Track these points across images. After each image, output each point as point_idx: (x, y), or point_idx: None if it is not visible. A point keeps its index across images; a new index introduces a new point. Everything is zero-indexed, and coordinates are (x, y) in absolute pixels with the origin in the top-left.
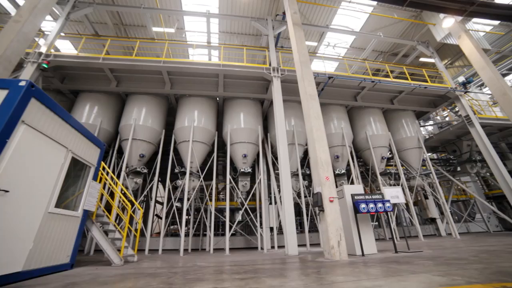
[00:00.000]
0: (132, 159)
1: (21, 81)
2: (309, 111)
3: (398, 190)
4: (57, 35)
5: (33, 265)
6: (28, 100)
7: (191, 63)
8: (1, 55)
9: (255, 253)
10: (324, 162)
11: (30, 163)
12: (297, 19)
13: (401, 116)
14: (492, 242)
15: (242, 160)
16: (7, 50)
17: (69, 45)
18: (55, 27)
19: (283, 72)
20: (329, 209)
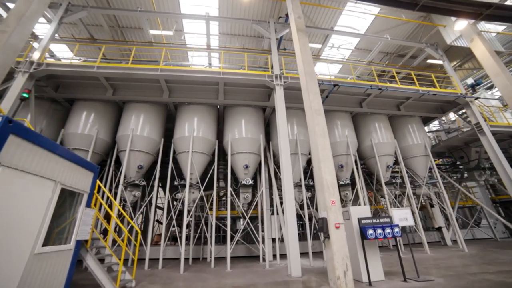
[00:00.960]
0: (130, 170)
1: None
2: (314, 127)
3: (407, 212)
4: (49, 41)
5: None
6: (5, 139)
7: (189, 71)
8: None
9: (256, 266)
10: (330, 185)
11: (10, 204)
12: (301, 25)
13: (408, 122)
14: (504, 259)
15: (243, 171)
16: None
17: (65, 48)
18: (48, 32)
19: (286, 80)
20: (335, 236)
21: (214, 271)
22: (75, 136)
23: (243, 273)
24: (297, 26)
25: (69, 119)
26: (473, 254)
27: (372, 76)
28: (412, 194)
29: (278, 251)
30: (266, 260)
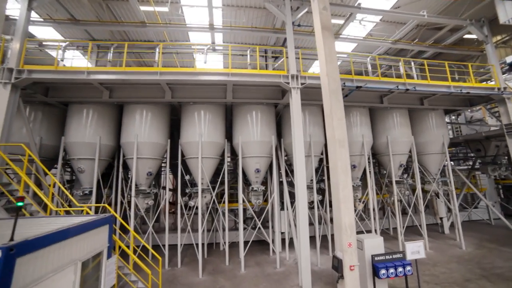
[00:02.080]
0: (139, 178)
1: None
2: (336, 162)
3: (420, 245)
4: (24, 41)
5: None
6: (12, 270)
7: (193, 74)
8: None
9: (267, 263)
10: (348, 227)
11: None
12: (327, 21)
13: (429, 116)
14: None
15: (255, 175)
16: None
17: (52, 32)
18: (18, 28)
19: (303, 81)
20: (349, 278)
21: (229, 272)
22: (77, 145)
23: (256, 277)
24: (322, 22)
25: (67, 125)
26: (471, 255)
27: (397, 56)
28: (421, 194)
29: (287, 247)
30: (277, 256)
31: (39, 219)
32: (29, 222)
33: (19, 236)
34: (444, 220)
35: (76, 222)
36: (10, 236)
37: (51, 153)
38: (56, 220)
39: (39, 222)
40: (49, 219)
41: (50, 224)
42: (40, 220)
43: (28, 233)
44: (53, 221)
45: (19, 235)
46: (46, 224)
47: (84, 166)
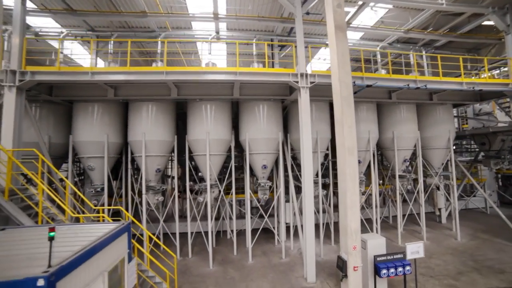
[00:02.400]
0: (149, 174)
1: None
2: (345, 169)
3: (420, 245)
4: (23, 40)
5: None
6: None
7: (200, 73)
8: None
9: (273, 253)
10: (353, 231)
11: None
12: (341, 20)
13: (437, 110)
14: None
15: (261, 171)
16: None
17: (49, 22)
18: (15, 24)
19: (313, 79)
20: (353, 277)
21: (238, 262)
22: (86, 144)
23: (264, 267)
24: (335, 22)
25: (74, 124)
26: (465, 246)
27: (408, 44)
28: (423, 188)
29: (292, 237)
30: (282, 247)
31: (62, 228)
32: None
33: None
34: (442, 211)
35: (100, 234)
36: (48, 263)
37: (60, 151)
38: (79, 230)
39: (63, 232)
40: (71, 228)
41: (76, 237)
42: (63, 230)
43: (59, 251)
44: (76, 230)
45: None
46: (72, 236)
47: (94, 164)
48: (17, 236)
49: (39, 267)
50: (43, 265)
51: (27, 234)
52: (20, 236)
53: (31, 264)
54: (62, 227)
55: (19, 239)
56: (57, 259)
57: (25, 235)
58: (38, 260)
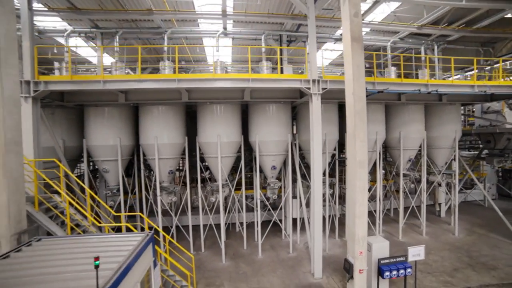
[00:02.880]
0: (162, 176)
1: None
2: (355, 182)
3: (421, 249)
4: (34, 49)
5: None
6: None
7: (212, 80)
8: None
9: (280, 247)
10: (360, 238)
11: None
12: (358, 30)
13: (444, 111)
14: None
15: (271, 171)
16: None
17: (58, 21)
18: (24, 33)
19: (324, 85)
20: (358, 279)
21: (248, 257)
22: (99, 148)
23: (273, 262)
24: (352, 32)
25: (86, 128)
26: (462, 241)
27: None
28: (425, 187)
29: (299, 231)
30: (290, 241)
31: (91, 240)
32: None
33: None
34: (442, 205)
35: (130, 247)
36: (96, 285)
37: (74, 154)
38: (108, 242)
39: (94, 245)
40: (100, 240)
41: (109, 251)
42: (93, 241)
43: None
44: (106, 243)
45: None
46: (105, 251)
47: (108, 167)
48: (55, 248)
49: (89, 287)
50: (91, 285)
51: (63, 246)
52: (58, 248)
53: (80, 284)
54: (91, 238)
55: (59, 252)
56: (101, 279)
57: (62, 247)
58: (85, 280)
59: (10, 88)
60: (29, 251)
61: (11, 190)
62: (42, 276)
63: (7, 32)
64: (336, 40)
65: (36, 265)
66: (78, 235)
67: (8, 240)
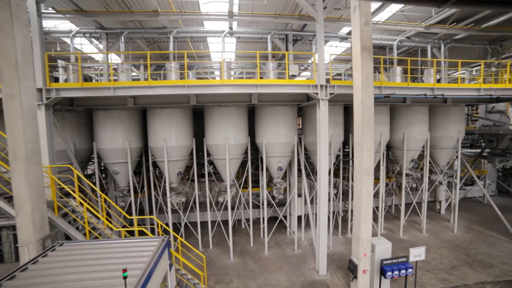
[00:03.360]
0: (171, 177)
1: None
2: (361, 188)
3: (422, 250)
4: (44, 56)
5: None
6: None
7: (221, 86)
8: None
9: (286, 244)
10: (365, 241)
11: None
12: (368, 39)
13: (449, 112)
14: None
15: (277, 172)
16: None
17: (66, 24)
18: (34, 39)
19: (332, 90)
20: (362, 278)
21: (255, 254)
22: (110, 151)
23: (279, 259)
24: (362, 41)
25: (96, 132)
26: (460, 239)
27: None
28: (427, 186)
29: (303, 228)
30: (295, 239)
31: (110, 246)
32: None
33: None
34: (442, 203)
35: (149, 253)
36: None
37: (84, 156)
38: (127, 247)
39: (114, 250)
40: (119, 245)
41: (129, 257)
42: (112, 247)
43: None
44: (125, 248)
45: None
46: (125, 257)
47: (118, 169)
48: (78, 254)
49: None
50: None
51: (85, 252)
52: (81, 254)
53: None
54: (110, 243)
55: (83, 258)
56: (128, 286)
57: (84, 252)
58: (116, 287)
59: (28, 101)
60: (54, 256)
61: (34, 198)
62: (72, 283)
63: (23, 46)
64: (342, 39)
65: (64, 271)
66: (98, 240)
67: (34, 246)
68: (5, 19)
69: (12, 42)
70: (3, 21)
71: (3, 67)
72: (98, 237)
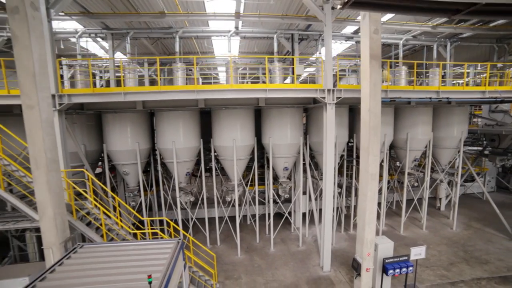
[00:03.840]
0: (179, 177)
1: None
2: (366, 192)
3: (423, 249)
4: (56, 62)
5: None
6: None
7: (231, 91)
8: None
9: (290, 241)
10: (369, 242)
11: None
12: (377, 47)
13: (453, 112)
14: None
15: (282, 172)
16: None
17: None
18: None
19: (339, 94)
20: (365, 276)
21: (261, 250)
22: (119, 153)
23: (284, 256)
24: (371, 49)
25: (106, 134)
26: (459, 236)
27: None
28: (428, 185)
29: (308, 225)
30: (300, 235)
31: (128, 248)
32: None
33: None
34: (442, 200)
35: (166, 255)
36: None
37: (94, 157)
38: (144, 250)
39: (132, 252)
40: (137, 248)
41: (147, 260)
42: (130, 249)
43: (144, 278)
44: (142, 251)
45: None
46: (143, 259)
47: (128, 170)
48: (99, 256)
49: None
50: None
51: (106, 254)
52: (102, 256)
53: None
54: (127, 245)
55: (105, 261)
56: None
57: (104, 254)
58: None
59: (46, 111)
60: (78, 258)
61: (55, 204)
62: (98, 285)
63: (39, 57)
64: (348, 38)
65: (89, 273)
66: (116, 242)
67: (58, 248)
68: (22, 32)
69: (30, 54)
70: (21, 34)
71: (22, 79)
72: (115, 239)
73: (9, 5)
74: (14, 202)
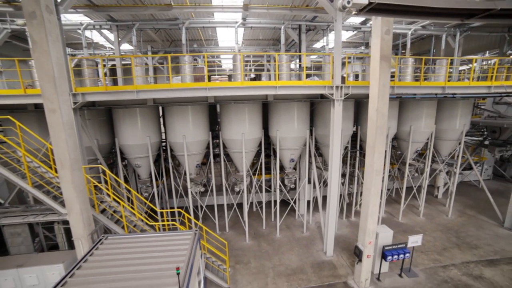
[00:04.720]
0: (190, 168)
1: None
2: (370, 187)
3: (419, 237)
4: (68, 61)
5: None
6: None
7: (242, 88)
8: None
9: (295, 227)
10: (371, 232)
11: None
12: (388, 48)
13: (457, 105)
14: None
15: (289, 163)
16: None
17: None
18: None
19: (347, 90)
20: (365, 262)
21: (268, 236)
22: (131, 147)
23: (290, 242)
24: (382, 51)
25: (117, 128)
26: (453, 223)
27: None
28: (427, 175)
29: (311, 212)
30: (304, 222)
31: (150, 240)
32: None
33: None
34: (440, 188)
35: (186, 246)
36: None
37: (106, 151)
38: (164, 241)
39: (154, 244)
40: (157, 239)
41: (169, 250)
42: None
43: (168, 268)
44: (163, 242)
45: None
46: (165, 250)
47: (140, 163)
48: (124, 247)
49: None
50: (174, 283)
51: (130, 245)
52: (127, 247)
53: (163, 282)
54: (148, 237)
55: (130, 251)
56: (175, 277)
57: (128, 245)
58: (165, 279)
59: (67, 113)
60: (105, 249)
61: (80, 200)
62: (127, 274)
63: (57, 61)
64: (355, 29)
65: (117, 263)
66: (138, 234)
67: (86, 239)
68: (41, 37)
69: (49, 59)
70: (39, 39)
71: (43, 83)
72: (135, 230)
73: (27, 10)
74: (43, 198)
